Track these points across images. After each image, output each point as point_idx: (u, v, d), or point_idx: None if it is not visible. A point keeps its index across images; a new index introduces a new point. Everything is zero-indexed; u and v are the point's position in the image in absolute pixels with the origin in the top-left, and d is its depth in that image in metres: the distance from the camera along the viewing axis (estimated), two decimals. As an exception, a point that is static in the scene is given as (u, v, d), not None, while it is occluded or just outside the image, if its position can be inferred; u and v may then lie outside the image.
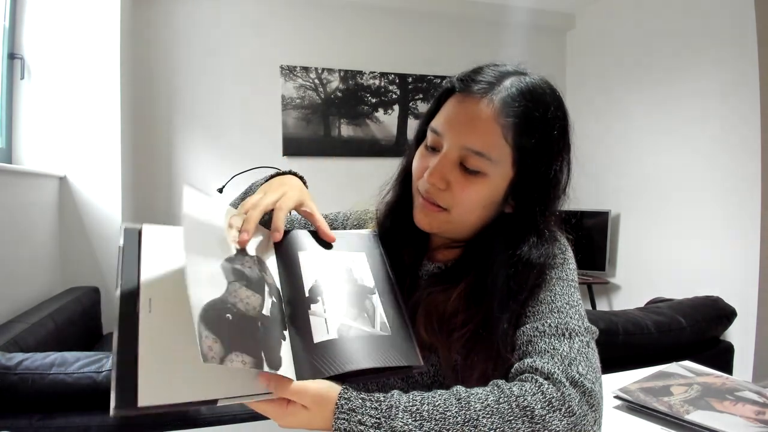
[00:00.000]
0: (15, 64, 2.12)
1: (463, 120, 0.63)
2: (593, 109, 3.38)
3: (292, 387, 0.47)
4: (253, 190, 0.76)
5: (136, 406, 0.42)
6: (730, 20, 2.45)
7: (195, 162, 2.93)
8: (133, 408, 0.42)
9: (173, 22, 2.85)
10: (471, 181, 0.63)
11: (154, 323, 0.47)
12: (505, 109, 0.61)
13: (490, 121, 0.61)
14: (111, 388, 0.43)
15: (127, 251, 0.52)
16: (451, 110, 0.64)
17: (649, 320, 1.51)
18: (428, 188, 0.64)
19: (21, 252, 1.85)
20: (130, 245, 0.52)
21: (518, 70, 0.66)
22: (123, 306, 0.48)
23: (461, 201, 0.64)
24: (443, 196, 0.64)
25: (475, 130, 0.62)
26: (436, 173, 0.63)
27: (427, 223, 0.67)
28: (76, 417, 1.04)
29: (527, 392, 0.51)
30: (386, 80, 3.27)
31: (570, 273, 0.67)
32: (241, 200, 0.77)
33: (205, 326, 0.43)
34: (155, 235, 0.54)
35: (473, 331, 0.63)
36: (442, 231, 0.69)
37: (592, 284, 3.13)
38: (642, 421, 0.76)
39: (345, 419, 0.47)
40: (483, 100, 0.62)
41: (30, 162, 2.17)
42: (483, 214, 0.66)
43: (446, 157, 0.63)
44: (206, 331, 0.43)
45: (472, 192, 0.63)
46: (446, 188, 0.64)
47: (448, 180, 0.63)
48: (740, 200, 2.42)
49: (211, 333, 0.43)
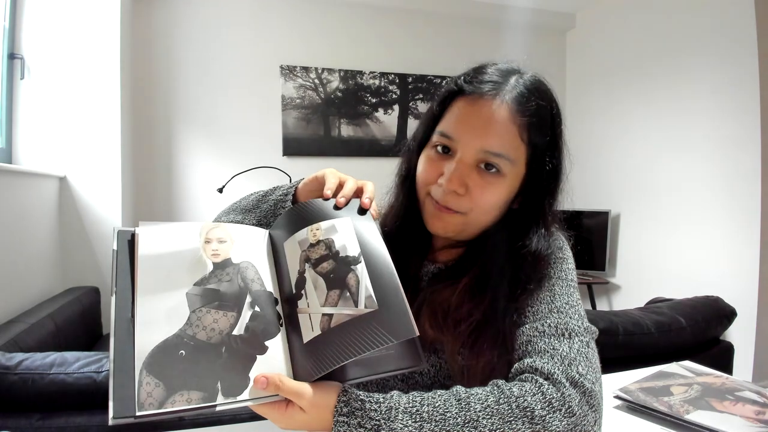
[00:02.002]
0: (15, 64, 2.12)
1: (478, 123, 0.62)
2: (593, 109, 3.38)
3: (289, 389, 0.47)
4: (248, 199, 0.76)
5: (134, 415, 0.42)
6: (730, 20, 2.45)
7: (195, 162, 2.93)
8: (132, 417, 0.42)
9: (173, 22, 2.85)
10: (489, 182, 0.63)
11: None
12: (520, 108, 0.62)
13: (506, 122, 0.62)
14: (109, 396, 0.42)
15: (121, 256, 0.51)
16: (463, 113, 0.64)
17: (649, 320, 1.51)
18: (446, 194, 0.64)
19: (21, 252, 1.85)
20: (124, 249, 0.52)
21: (513, 68, 0.67)
22: (118, 312, 0.47)
23: (480, 204, 0.64)
24: (462, 201, 0.64)
25: (493, 132, 0.62)
26: (456, 179, 0.62)
27: (443, 228, 0.67)
28: (76, 417, 1.04)
29: (527, 393, 0.51)
30: (386, 80, 3.27)
31: (569, 273, 0.68)
32: (231, 211, 0.76)
33: (147, 372, 0.44)
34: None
35: (479, 320, 0.63)
36: (456, 234, 0.68)
37: (592, 284, 3.13)
38: (642, 421, 0.76)
39: (344, 422, 0.47)
40: (495, 101, 0.62)
41: (30, 162, 2.17)
42: (497, 214, 0.67)
43: (463, 162, 0.63)
44: (148, 377, 0.44)
45: (492, 194, 0.63)
46: (465, 193, 0.63)
47: (467, 184, 0.63)
48: (740, 200, 2.42)
49: (154, 378, 0.44)
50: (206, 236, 0.55)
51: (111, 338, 0.46)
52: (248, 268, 0.55)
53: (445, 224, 0.66)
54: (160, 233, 0.53)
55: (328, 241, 0.56)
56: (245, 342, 0.50)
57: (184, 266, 0.52)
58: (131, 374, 0.44)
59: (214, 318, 0.49)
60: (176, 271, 0.51)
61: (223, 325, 0.49)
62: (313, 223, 0.58)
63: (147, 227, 0.53)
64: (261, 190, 0.76)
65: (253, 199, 0.75)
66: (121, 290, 0.49)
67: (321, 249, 0.56)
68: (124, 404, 0.42)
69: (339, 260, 0.54)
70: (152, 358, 0.45)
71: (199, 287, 0.51)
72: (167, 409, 0.43)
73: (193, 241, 0.54)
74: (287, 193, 0.71)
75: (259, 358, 0.49)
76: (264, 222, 0.71)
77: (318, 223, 0.58)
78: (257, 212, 0.72)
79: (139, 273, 0.49)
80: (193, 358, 0.47)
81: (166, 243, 0.53)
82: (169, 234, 0.54)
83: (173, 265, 0.52)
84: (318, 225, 0.58)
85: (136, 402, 0.43)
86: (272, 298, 0.54)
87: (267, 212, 0.71)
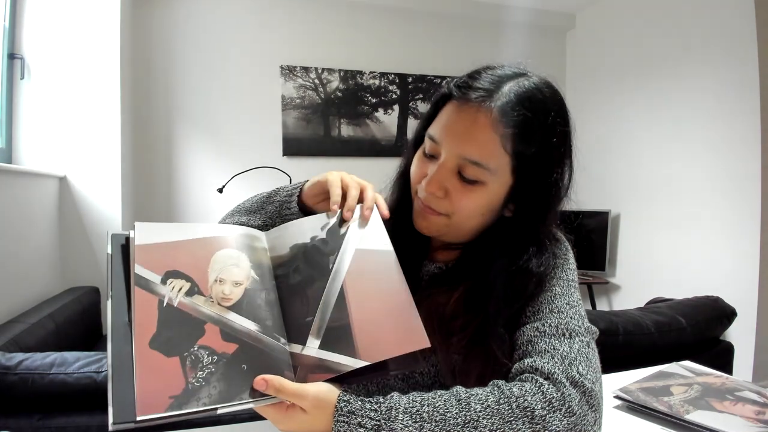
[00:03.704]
0: (15, 64, 2.12)
1: (460, 129, 0.62)
2: (593, 109, 3.38)
3: (290, 392, 0.47)
4: (252, 200, 0.75)
5: (134, 419, 0.42)
6: (729, 20, 2.45)
7: (195, 162, 2.93)
8: (132, 421, 0.42)
9: (173, 22, 2.85)
10: (469, 189, 0.63)
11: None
12: (504, 119, 0.60)
13: (488, 131, 0.60)
14: (108, 401, 0.42)
15: (115, 260, 0.51)
16: (449, 118, 0.64)
17: (649, 320, 1.51)
18: (426, 196, 0.65)
19: (21, 252, 1.85)
20: (118, 254, 0.51)
21: (518, 72, 0.65)
22: (114, 317, 0.47)
23: (460, 209, 0.64)
24: (442, 204, 0.64)
25: (473, 140, 0.61)
26: (434, 182, 0.63)
27: (426, 227, 0.68)
28: (76, 417, 1.04)
29: (527, 393, 0.51)
30: (386, 80, 3.27)
31: (570, 273, 0.68)
32: (236, 213, 0.76)
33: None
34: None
35: (471, 336, 0.63)
36: (441, 235, 0.69)
37: (592, 284, 3.13)
38: (642, 421, 0.76)
39: (345, 422, 0.47)
40: (481, 109, 0.61)
41: (30, 162, 2.16)
42: (482, 220, 0.66)
43: (444, 166, 0.63)
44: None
45: (470, 200, 0.63)
46: (444, 196, 0.64)
47: (446, 188, 0.63)
48: (740, 200, 2.42)
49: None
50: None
51: (108, 343, 0.46)
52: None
53: (429, 224, 0.67)
54: (157, 231, 0.53)
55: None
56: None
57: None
58: (130, 379, 0.44)
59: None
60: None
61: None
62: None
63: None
64: (264, 191, 0.76)
65: (258, 201, 0.75)
66: (117, 294, 0.48)
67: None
68: (124, 409, 0.42)
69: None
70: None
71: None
72: (168, 413, 0.43)
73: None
74: (291, 194, 0.71)
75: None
76: (269, 223, 0.70)
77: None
78: (262, 213, 0.72)
79: (136, 271, 0.49)
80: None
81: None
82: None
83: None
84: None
85: (136, 407, 0.42)
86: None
87: (272, 214, 0.71)
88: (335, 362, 0.49)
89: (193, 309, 0.49)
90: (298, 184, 0.71)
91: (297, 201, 0.70)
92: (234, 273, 0.53)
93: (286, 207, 0.70)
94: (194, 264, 0.52)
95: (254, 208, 0.74)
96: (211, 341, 0.48)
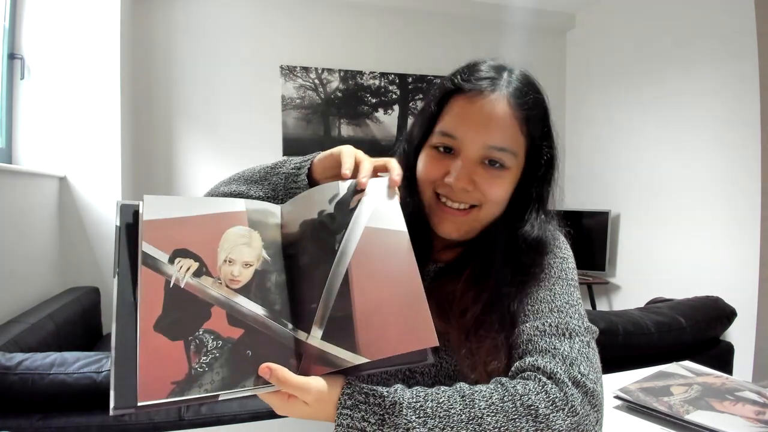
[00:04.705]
0: (15, 64, 2.12)
1: (480, 119, 0.63)
2: (593, 109, 3.38)
3: (294, 385, 0.46)
4: (253, 170, 0.72)
5: (135, 405, 0.41)
6: (729, 20, 2.45)
7: (195, 162, 2.93)
8: (133, 406, 0.41)
9: (173, 22, 2.85)
10: (496, 176, 0.64)
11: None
12: (519, 102, 0.64)
13: (507, 116, 0.63)
14: (110, 385, 0.41)
15: (122, 235, 0.48)
16: (463, 110, 0.64)
17: (649, 320, 1.51)
18: (456, 192, 0.64)
19: (21, 252, 1.85)
20: (127, 225, 0.49)
21: (502, 64, 0.68)
22: (120, 295, 0.45)
23: (490, 198, 0.65)
24: (473, 196, 0.65)
25: (496, 127, 0.63)
26: (464, 177, 0.63)
27: (455, 230, 0.67)
28: (76, 417, 1.04)
29: (531, 391, 0.51)
30: (386, 80, 3.27)
31: (569, 272, 0.68)
32: (233, 181, 0.72)
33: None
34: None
35: (485, 303, 0.64)
36: (469, 234, 0.68)
37: (592, 284, 3.13)
38: (642, 421, 0.76)
39: (348, 415, 0.47)
40: (494, 96, 0.63)
41: (30, 162, 2.16)
42: (504, 206, 0.68)
43: (469, 159, 0.64)
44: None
45: (499, 187, 0.65)
46: (474, 189, 0.64)
47: (475, 181, 0.64)
48: (740, 200, 2.42)
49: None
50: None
51: (113, 323, 0.44)
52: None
53: (457, 226, 0.66)
54: (166, 206, 0.50)
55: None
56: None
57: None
58: (133, 363, 0.42)
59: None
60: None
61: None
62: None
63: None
64: (266, 163, 0.72)
65: (261, 171, 0.70)
66: (123, 271, 0.47)
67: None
68: (126, 394, 0.41)
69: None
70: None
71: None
72: (170, 399, 0.42)
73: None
74: (301, 166, 0.67)
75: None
76: (272, 196, 0.67)
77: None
78: (265, 184, 0.68)
79: (143, 248, 0.47)
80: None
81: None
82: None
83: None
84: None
85: (137, 392, 0.41)
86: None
87: (277, 186, 0.67)
88: (336, 356, 0.47)
89: (200, 291, 0.47)
90: (309, 156, 0.68)
91: (307, 174, 0.66)
92: (244, 253, 0.51)
93: (293, 180, 0.66)
94: (204, 242, 0.50)
95: (256, 178, 0.70)
96: (217, 325, 0.47)
